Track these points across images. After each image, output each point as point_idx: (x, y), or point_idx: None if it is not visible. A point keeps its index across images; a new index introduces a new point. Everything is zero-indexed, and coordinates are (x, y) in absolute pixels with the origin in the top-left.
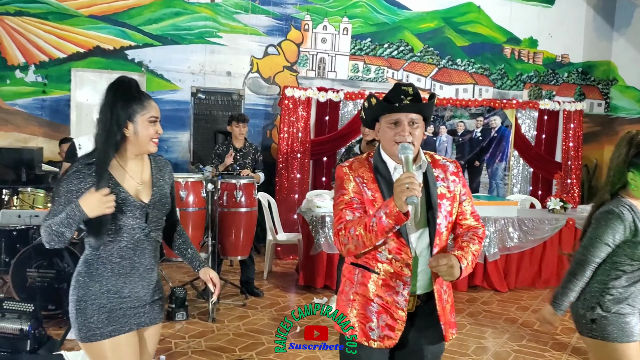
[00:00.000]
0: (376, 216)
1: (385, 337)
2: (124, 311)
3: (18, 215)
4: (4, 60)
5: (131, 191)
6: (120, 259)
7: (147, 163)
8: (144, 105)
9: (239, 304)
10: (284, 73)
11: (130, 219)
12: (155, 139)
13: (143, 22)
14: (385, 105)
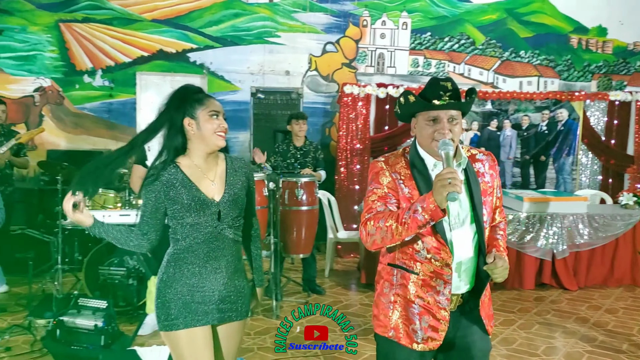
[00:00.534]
0: (411, 209)
1: (429, 338)
2: (202, 305)
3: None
4: (72, 66)
5: (204, 190)
6: (197, 255)
7: (222, 163)
8: (203, 102)
9: (302, 301)
10: (342, 70)
11: (203, 217)
12: (220, 132)
13: (204, 25)
14: (424, 104)
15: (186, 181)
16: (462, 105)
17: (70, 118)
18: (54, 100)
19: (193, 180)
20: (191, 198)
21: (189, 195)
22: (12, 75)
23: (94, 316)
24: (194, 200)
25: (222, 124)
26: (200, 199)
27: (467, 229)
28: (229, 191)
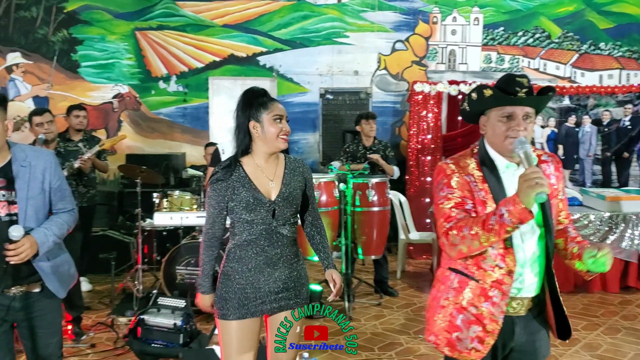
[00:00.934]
0: (497, 214)
1: (473, 349)
2: (254, 299)
3: (170, 217)
4: (148, 72)
5: (262, 188)
6: (252, 251)
7: (281, 163)
8: (268, 106)
9: (374, 303)
10: (412, 68)
11: (258, 214)
12: (283, 136)
13: (273, 28)
14: (504, 97)
15: (246, 180)
16: (542, 101)
17: (147, 123)
18: (132, 106)
19: (253, 179)
20: (249, 196)
21: (248, 193)
22: (92, 83)
23: (173, 315)
24: (252, 198)
25: (285, 127)
26: (258, 198)
27: (535, 233)
28: (284, 190)
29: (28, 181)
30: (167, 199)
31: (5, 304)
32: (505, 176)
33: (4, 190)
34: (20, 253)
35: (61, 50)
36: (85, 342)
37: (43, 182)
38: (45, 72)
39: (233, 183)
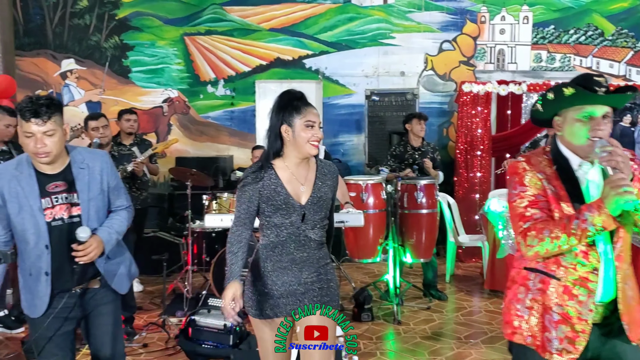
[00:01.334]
0: (580, 219)
1: (564, 350)
2: (280, 299)
3: (220, 219)
4: (197, 77)
5: (292, 192)
6: (281, 252)
7: (313, 167)
8: (301, 111)
9: (423, 306)
10: (460, 68)
11: (288, 217)
12: (314, 142)
13: (319, 31)
14: (588, 95)
15: (278, 183)
16: (622, 100)
17: (196, 126)
18: (181, 110)
19: (284, 182)
20: (280, 200)
21: (279, 197)
22: (142, 88)
23: (223, 316)
24: (283, 202)
25: (316, 133)
26: (288, 202)
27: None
28: (315, 194)
29: (88, 183)
30: (216, 201)
31: (69, 302)
32: (579, 174)
33: (65, 193)
34: (89, 253)
35: (113, 56)
36: (137, 341)
37: (101, 182)
38: (97, 77)
39: (264, 186)
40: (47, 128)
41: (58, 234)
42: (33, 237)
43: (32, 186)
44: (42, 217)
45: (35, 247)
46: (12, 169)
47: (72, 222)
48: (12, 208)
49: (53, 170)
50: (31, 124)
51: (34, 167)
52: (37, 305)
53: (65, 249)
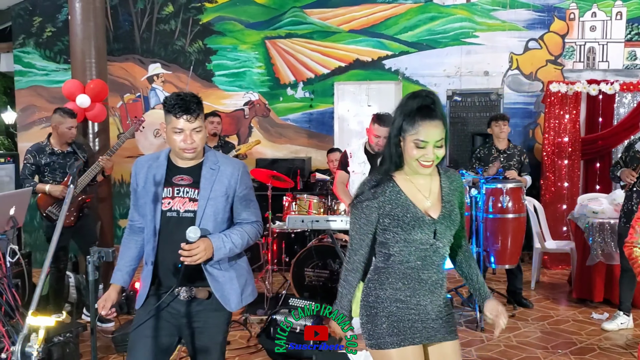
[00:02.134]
0: None
1: None
2: (412, 323)
3: (302, 220)
4: (277, 80)
5: (420, 206)
6: (408, 272)
7: (436, 177)
8: (415, 126)
9: (508, 314)
10: (547, 67)
11: (419, 234)
12: (425, 162)
13: (399, 31)
14: None
15: (402, 196)
16: None
17: (275, 128)
18: (262, 113)
19: (409, 195)
20: (407, 214)
21: (404, 210)
22: (225, 91)
23: (304, 316)
24: (410, 216)
25: (426, 154)
26: (417, 216)
27: None
28: (446, 208)
29: (212, 183)
30: (296, 202)
31: (174, 307)
32: None
33: (188, 187)
34: (194, 255)
35: (197, 60)
36: None
37: (228, 187)
38: (182, 81)
39: (386, 200)
40: (196, 125)
41: (168, 225)
42: (149, 224)
43: (160, 174)
44: (159, 205)
45: (148, 234)
46: (151, 158)
47: (185, 217)
48: (140, 194)
49: (185, 165)
50: (182, 120)
51: (169, 158)
52: (142, 296)
53: (171, 241)
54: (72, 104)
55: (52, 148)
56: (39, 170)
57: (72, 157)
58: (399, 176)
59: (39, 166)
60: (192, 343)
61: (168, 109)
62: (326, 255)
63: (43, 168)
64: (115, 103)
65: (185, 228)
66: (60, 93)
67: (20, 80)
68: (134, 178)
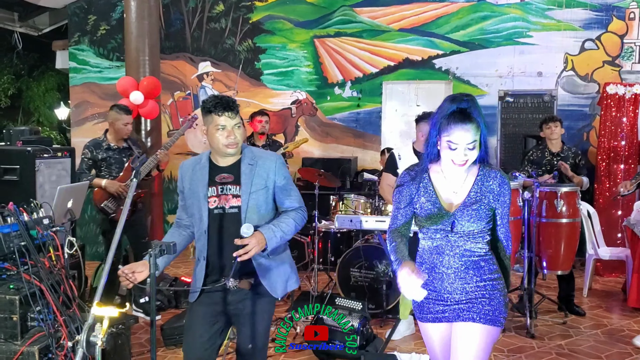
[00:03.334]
0: None
1: None
2: (436, 305)
3: (350, 220)
4: (325, 79)
5: (444, 198)
6: (434, 259)
7: (473, 174)
8: (447, 129)
9: (559, 321)
10: (604, 69)
11: (438, 224)
12: (459, 162)
13: (450, 30)
14: None
15: (430, 188)
16: None
17: (322, 128)
18: (309, 112)
19: (437, 187)
20: (430, 205)
21: (428, 201)
22: (273, 90)
23: (350, 316)
24: (432, 207)
25: (458, 157)
26: (437, 207)
27: None
28: (468, 202)
29: (252, 177)
30: (343, 202)
31: (223, 296)
32: None
33: (230, 185)
34: (249, 250)
35: (246, 59)
36: None
37: (267, 180)
38: (231, 80)
39: (416, 189)
40: (237, 121)
41: (216, 221)
42: (198, 222)
43: (204, 175)
44: (206, 204)
45: (198, 232)
46: (195, 161)
47: (230, 213)
48: (187, 194)
49: (225, 164)
50: (224, 117)
51: (210, 160)
52: (195, 291)
53: (220, 237)
54: (125, 101)
55: (108, 143)
56: (95, 165)
57: (128, 152)
58: (434, 168)
59: (95, 161)
60: (241, 329)
61: (209, 109)
62: (373, 256)
63: (100, 163)
64: (166, 101)
65: (231, 223)
66: (112, 90)
67: (75, 77)
68: (181, 181)
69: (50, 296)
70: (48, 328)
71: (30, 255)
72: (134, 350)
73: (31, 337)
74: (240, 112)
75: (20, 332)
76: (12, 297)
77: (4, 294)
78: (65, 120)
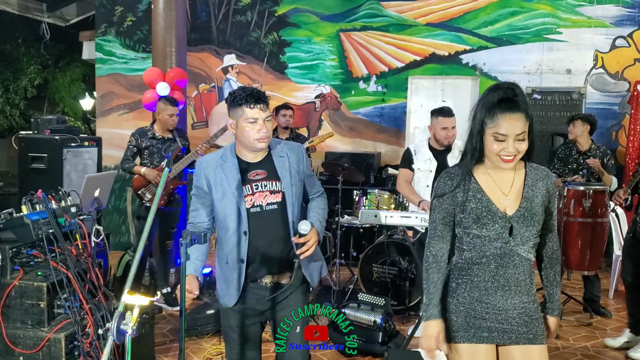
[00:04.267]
0: None
1: None
2: (485, 322)
3: (375, 214)
4: (350, 73)
5: (496, 202)
6: (483, 269)
7: (520, 173)
8: (493, 120)
9: (584, 322)
10: (635, 67)
11: (492, 230)
12: (506, 157)
13: (478, 25)
14: None
15: (478, 190)
16: None
17: (346, 122)
18: (332, 106)
19: (485, 190)
20: (481, 209)
21: (479, 205)
22: (297, 84)
23: (373, 312)
24: (484, 211)
25: (507, 148)
26: (491, 211)
27: None
28: (525, 205)
29: (289, 170)
30: (366, 197)
31: (258, 293)
32: None
33: (266, 181)
34: (311, 247)
35: (271, 52)
36: None
37: (299, 170)
38: (256, 72)
39: (462, 193)
40: (268, 114)
41: (254, 220)
42: (233, 224)
43: (235, 174)
44: (244, 204)
45: (234, 234)
46: (218, 158)
47: (269, 210)
48: (216, 194)
49: (255, 159)
50: (256, 110)
51: (237, 156)
52: (232, 295)
53: (260, 236)
54: (151, 92)
55: (153, 133)
56: (140, 153)
57: (172, 143)
58: (478, 170)
59: (140, 149)
60: (276, 319)
61: (239, 102)
62: (396, 252)
63: (143, 151)
64: (191, 93)
65: (270, 221)
66: (138, 81)
67: (101, 68)
68: (203, 179)
69: (76, 284)
70: (74, 316)
71: (58, 242)
72: (157, 340)
73: (58, 324)
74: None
75: (47, 318)
76: (40, 284)
77: (32, 280)
78: (89, 111)
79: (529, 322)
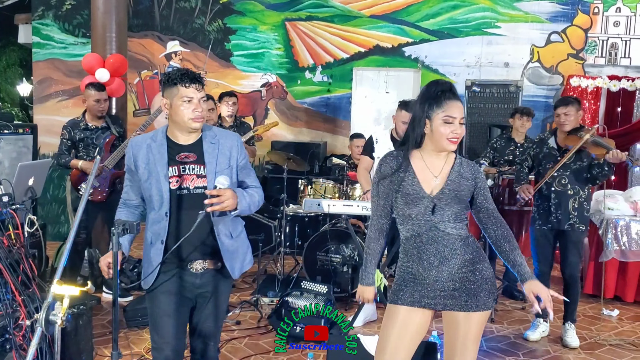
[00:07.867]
0: None
1: None
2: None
3: (318, 203)
4: (296, 62)
5: (424, 183)
6: (415, 246)
7: (451, 160)
8: (442, 105)
9: (518, 306)
10: (568, 61)
11: (415, 209)
12: (453, 138)
13: (420, 18)
14: None
15: (410, 173)
16: None
17: (291, 112)
18: (279, 95)
19: (417, 173)
20: (410, 190)
21: (410, 186)
22: (242, 72)
23: (316, 299)
24: (413, 192)
25: (455, 130)
26: (418, 193)
27: None
28: (448, 187)
29: (216, 156)
30: (311, 186)
31: (188, 280)
32: None
33: (194, 164)
34: (223, 201)
35: (215, 39)
36: (231, 318)
37: (230, 158)
38: (200, 60)
39: (401, 174)
40: (203, 94)
41: (180, 203)
42: (157, 204)
43: (162, 154)
44: (167, 184)
45: (157, 214)
46: (148, 138)
47: (196, 194)
48: (142, 174)
49: (186, 142)
50: (191, 89)
51: (167, 137)
52: (152, 275)
53: (185, 219)
54: (90, 78)
55: (86, 123)
56: (74, 146)
57: (106, 132)
58: (415, 154)
59: (74, 142)
60: (202, 310)
61: (175, 81)
62: (339, 240)
63: (77, 143)
64: (133, 79)
65: (197, 205)
66: (77, 67)
67: (38, 53)
68: (132, 159)
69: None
70: (5, 308)
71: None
72: (97, 331)
73: None
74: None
75: None
76: None
77: None
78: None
79: (468, 290)
